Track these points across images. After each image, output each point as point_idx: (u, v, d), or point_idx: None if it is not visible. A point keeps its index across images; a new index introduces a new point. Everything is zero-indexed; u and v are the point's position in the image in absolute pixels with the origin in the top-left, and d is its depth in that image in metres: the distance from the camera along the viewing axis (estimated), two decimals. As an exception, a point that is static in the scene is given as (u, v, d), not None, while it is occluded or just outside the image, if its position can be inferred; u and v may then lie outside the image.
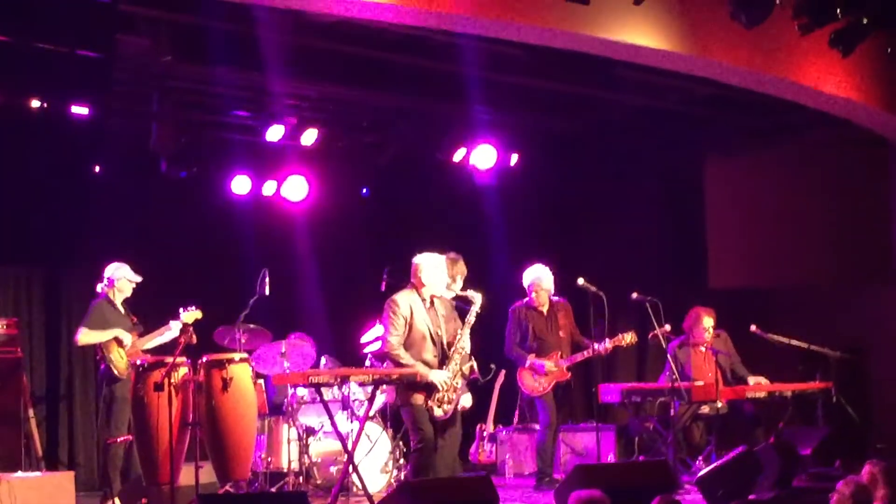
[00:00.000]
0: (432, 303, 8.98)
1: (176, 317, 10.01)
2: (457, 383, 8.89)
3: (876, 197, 12.37)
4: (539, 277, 10.61)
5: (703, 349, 11.02)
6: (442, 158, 12.56)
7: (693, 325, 11.08)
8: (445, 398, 8.80)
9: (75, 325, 10.71)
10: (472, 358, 9.08)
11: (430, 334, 8.87)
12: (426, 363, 8.80)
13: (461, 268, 9.94)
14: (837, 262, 12.74)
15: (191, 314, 10.04)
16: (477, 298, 9.08)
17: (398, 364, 8.76)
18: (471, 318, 9.05)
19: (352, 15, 8.73)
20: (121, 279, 10.16)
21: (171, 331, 10.00)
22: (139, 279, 10.24)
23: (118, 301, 10.18)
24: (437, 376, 8.76)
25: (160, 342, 10.09)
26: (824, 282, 12.87)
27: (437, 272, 8.98)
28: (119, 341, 9.94)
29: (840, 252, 12.68)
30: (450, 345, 8.92)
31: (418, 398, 8.76)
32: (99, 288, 10.23)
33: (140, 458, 9.04)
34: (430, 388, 8.76)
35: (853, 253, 12.61)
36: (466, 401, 9.27)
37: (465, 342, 8.99)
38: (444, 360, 8.89)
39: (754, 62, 9.85)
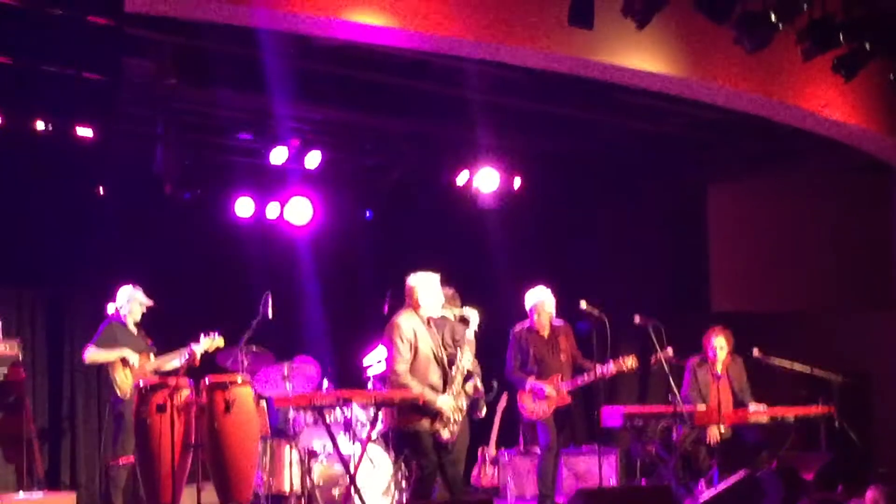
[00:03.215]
0: (429, 323, 8.98)
1: (182, 338, 10.04)
2: (461, 404, 8.90)
3: (878, 222, 12.39)
4: (541, 300, 10.60)
5: (718, 370, 11.00)
6: (445, 182, 12.59)
7: (705, 343, 11.08)
8: (452, 419, 8.81)
9: (78, 347, 10.75)
10: (475, 376, 9.09)
11: (434, 356, 8.87)
12: (432, 386, 8.80)
13: (456, 303, 9.91)
14: (839, 286, 12.76)
15: (213, 341, 10.10)
16: (473, 315, 9.07)
17: (405, 391, 8.75)
18: (469, 335, 9.05)
19: (355, 39, 8.77)
20: (133, 301, 10.23)
21: (181, 360, 10.02)
22: (150, 303, 10.29)
23: (129, 323, 10.23)
24: (444, 403, 8.77)
25: (175, 365, 10.09)
26: (826, 307, 12.88)
27: (432, 291, 8.97)
28: (125, 362, 9.97)
29: (842, 277, 12.70)
30: (451, 364, 8.93)
31: (424, 423, 8.76)
32: (111, 309, 10.29)
33: (142, 479, 9.02)
34: (435, 413, 8.77)
35: (855, 278, 12.63)
36: (469, 387, 9.26)
37: (466, 361, 9.00)
38: (446, 380, 8.91)
39: (757, 87, 9.89)
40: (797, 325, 12.78)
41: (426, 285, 8.96)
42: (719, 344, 11.01)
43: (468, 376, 9.05)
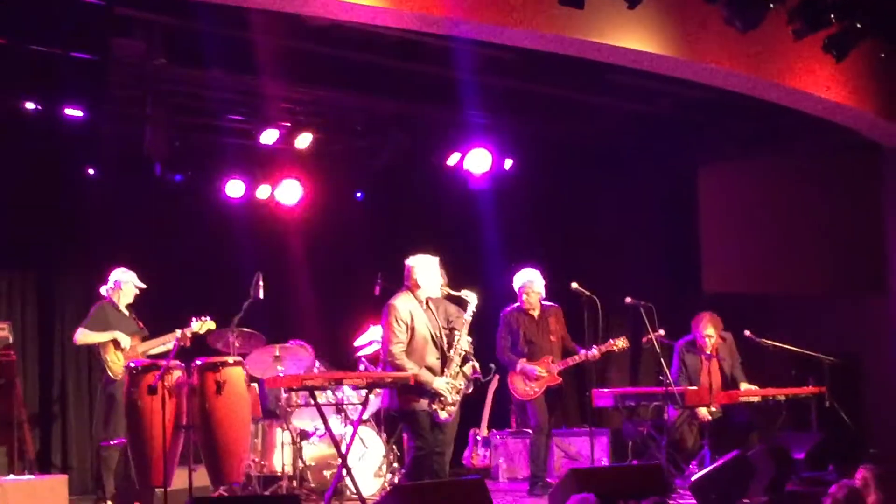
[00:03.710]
0: (428, 304, 8.99)
1: (172, 320, 10.02)
2: (459, 384, 8.92)
3: (869, 203, 12.39)
4: (530, 280, 10.60)
5: (707, 352, 11.01)
6: (436, 163, 12.57)
7: (694, 329, 11.09)
8: (449, 400, 8.83)
9: (69, 329, 10.74)
10: (473, 357, 9.10)
11: (432, 337, 8.90)
12: (430, 368, 8.83)
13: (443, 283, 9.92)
14: (830, 267, 12.76)
15: (204, 324, 10.09)
16: (472, 298, 9.09)
17: (401, 372, 8.75)
18: (468, 318, 9.07)
19: (346, 19, 8.74)
20: (127, 283, 10.22)
21: (173, 341, 10.00)
22: (143, 285, 10.29)
23: (122, 305, 10.22)
24: (441, 384, 8.78)
25: (163, 350, 10.08)
26: (817, 287, 12.90)
27: (431, 273, 8.99)
28: (116, 343, 9.97)
29: (833, 258, 12.70)
30: (449, 346, 8.94)
31: (421, 403, 8.78)
32: (103, 291, 10.27)
33: (133, 461, 9.02)
34: (433, 393, 8.78)
35: (846, 259, 12.62)
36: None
37: (464, 343, 9.01)
38: (444, 361, 8.92)
39: (748, 67, 9.87)
40: (788, 307, 12.80)
41: (425, 267, 8.99)
42: (707, 332, 11.03)
43: (466, 358, 9.06)
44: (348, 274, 12.71)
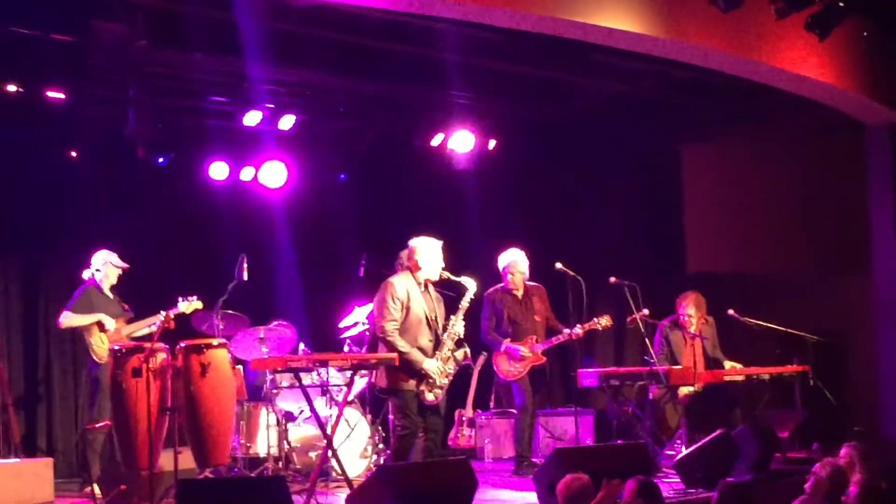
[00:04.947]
0: (426, 287, 9.01)
1: (157, 302, 10.01)
2: (449, 368, 8.93)
3: (853, 183, 12.42)
4: (514, 260, 10.62)
5: (691, 331, 11.03)
6: (420, 144, 12.56)
7: (678, 307, 11.12)
8: (437, 382, 8.84)
9: (53, 312, 10.70)
10: (465, 344, 9.11)
11: (427, 318, 8.92)
12: (422, 349, 8.85)
13: None
14: (814, 246, 12.80)
15: (190, 304, 10.08)
16: (471, 285, 9.11)
17: (393, 349, 8.77)
18: (465, 303, 9.09)
19: (330, 0, 8.71)
20: (108, 265, 10.19)
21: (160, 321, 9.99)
22: (126, 266, 10.25)
23: (105, 287, 10.19)
24: (431, 365, 8.80)
25: (147, 332, 10.06)
26: (801, 267, 12.94)
27: (433, 256, 9.02)
28: (101, 326, 9.95)
29: (817, 237, 12.74)
30: (444, 329, 8.95)
31: (410, 383, 8.80)
32: (86, 274, 10.24)
33: (119, 443, 9.02)
34: (422, 374, 8.79)
35: (830, 238, 12.67)
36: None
37: (458, 327, 9.03)
38: (437, 344, 8.93)
39: (731, 46, 9.88)
40: (772, 286, 12.83)
41: (427, 249, 9.03)
42: (690, 311, 11.05)
43: (459, 342, 9.07)
44: (332, 255, 12.69)
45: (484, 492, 9.28)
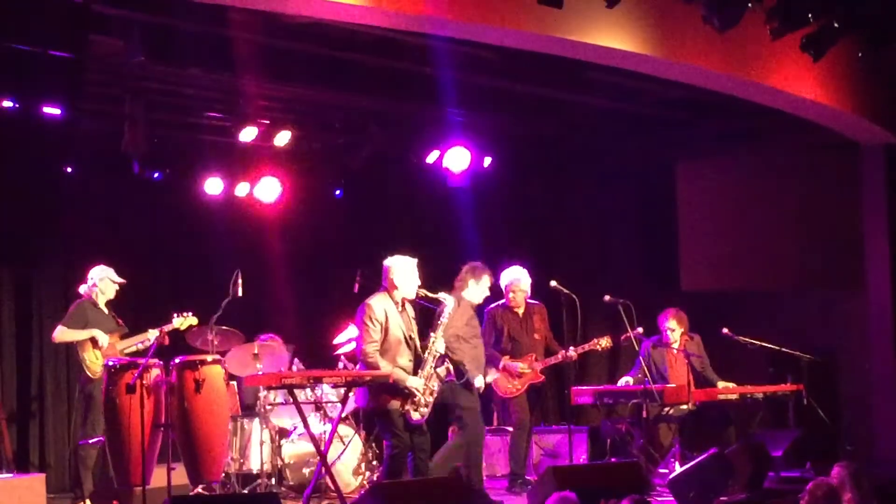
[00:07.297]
0: (404, 306, 8.98)
1: (151, 318, 10.00)
2: (433, 386, 8.90)
3: (846, 201, 12.45)
4: (517, 279, 10.63)
5: (675, 350, 11.04)
6: (415, 160, 12.57)
7: (660, 325, 11.14)
8: (422, 401, 8.81)
9: (47, 327, 10.69)
10: (447, 360, 9.09)
11: (405, 338, 8.87)
12: (402, 368, 8.80)
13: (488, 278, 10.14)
14: (808, 265, 12.81)
15: (185, 320, 10.07)
16: (449, 301, 9.09)
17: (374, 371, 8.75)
18: (444, 320, 9.05)
19: (325, 17, 8.73)
20: (104, 280, 10.17)
21: (151, 338, 9.97)
22: (122, 281, 10.24)
23: (101, 302, 10.18)
24: (414, 383, 8.77)
25: (142, 347, 10.05)
26: (795, 285, 12.95)
27: (408, 274, 8.95)
28: (94, 342, 9.93)
29: (811, 256, 12.75)
30: (424, 348, 8.93)
31: (394, 403, 8.76)
32: (82, 289, 10.23)
33: (112, 459, 9.01)
34: (406, 393, 8.77)
35: (824, 257, 12.68)
36: (480, 382, 9.33)
37: (439, 345, 9.00)
38: (418, 363, 8.91)
39: (726, 66, 9.91)
40: (765, 304, 12.85)
41: (402, 268, 8.95)
42: (670, 326, 11.07)
43: (441, 360, 9.05)
44: (327, 272, 12.70)
45: (477, 510, 9.27)
